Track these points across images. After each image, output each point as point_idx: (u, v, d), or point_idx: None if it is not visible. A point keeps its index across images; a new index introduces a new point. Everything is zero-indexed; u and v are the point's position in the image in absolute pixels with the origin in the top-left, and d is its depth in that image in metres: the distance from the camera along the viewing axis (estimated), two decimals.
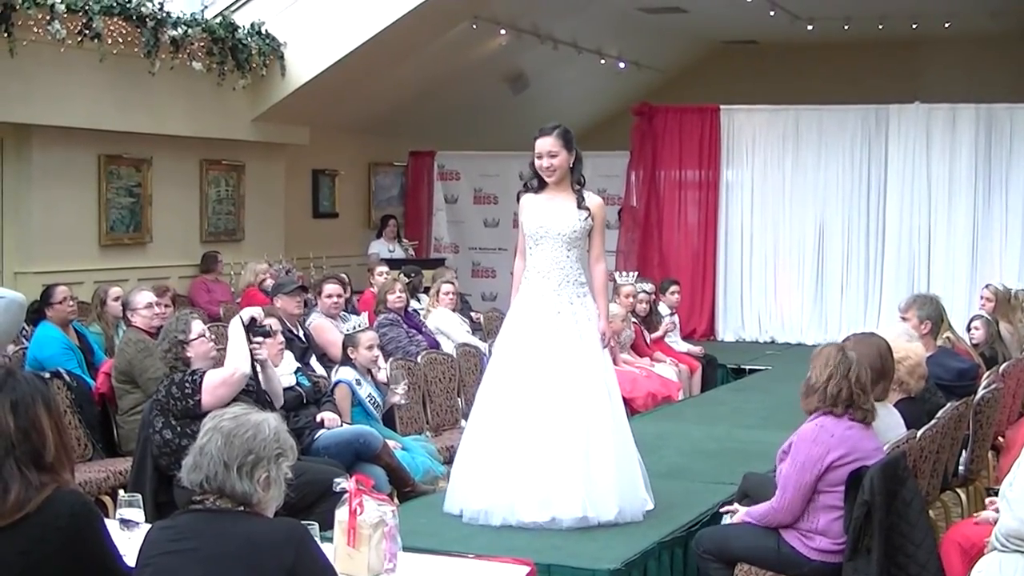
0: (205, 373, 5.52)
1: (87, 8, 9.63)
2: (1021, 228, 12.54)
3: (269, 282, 10.33)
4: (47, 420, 3.08)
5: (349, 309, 9.47)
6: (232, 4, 11.67)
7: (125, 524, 3.88)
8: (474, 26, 13.25)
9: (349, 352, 7.06)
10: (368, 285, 11.18)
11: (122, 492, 5.21)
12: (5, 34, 9.05)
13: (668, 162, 13.78)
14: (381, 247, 14.00)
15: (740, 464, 6.15)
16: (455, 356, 8.57)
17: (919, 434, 5.17)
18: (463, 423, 7.50)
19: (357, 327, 7.25)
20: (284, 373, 6.47)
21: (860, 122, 13.06)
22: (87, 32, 9.68)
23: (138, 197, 11.19)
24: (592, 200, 5.67)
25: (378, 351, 7.14)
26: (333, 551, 3.70)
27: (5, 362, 6.43)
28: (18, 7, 9.01)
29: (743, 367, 11.28)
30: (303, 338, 7.77)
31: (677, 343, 10.86)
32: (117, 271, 10.56)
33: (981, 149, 12.59)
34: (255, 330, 5.69)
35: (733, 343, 13.11)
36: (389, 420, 7.27)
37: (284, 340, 6.78)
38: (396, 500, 5.96)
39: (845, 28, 15.62)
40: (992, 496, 5.04)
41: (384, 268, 10.94)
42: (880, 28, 15.50)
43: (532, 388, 5.45)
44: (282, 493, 3.23)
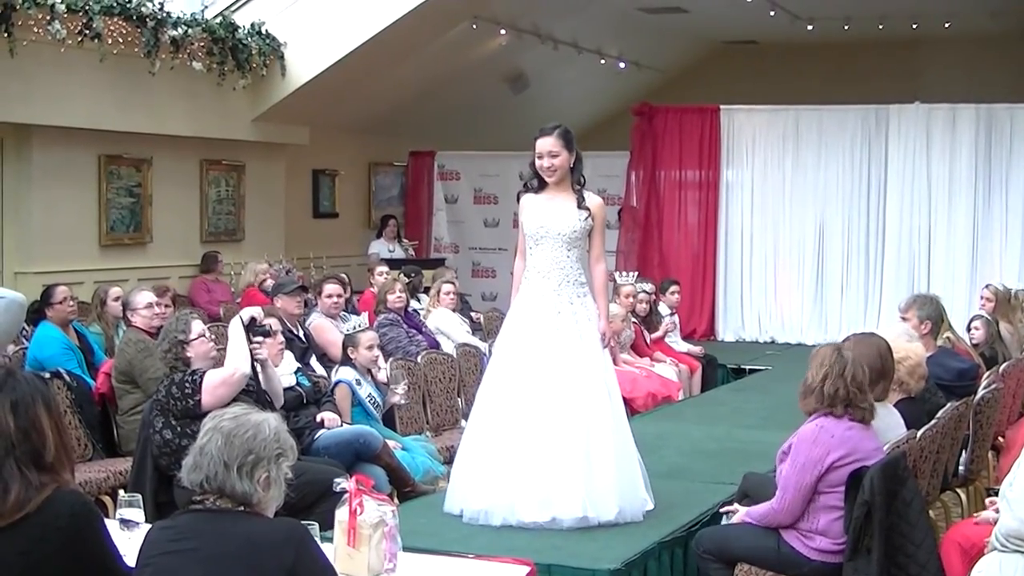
0: (205, 373, 5.52)
1: (87, 8, 9.62)
2: (1021, 228, 12.53)
3: (269, 282, 10.33)
4: (47, 420, 3.08)
5: (349, 309, 9.47)
6: (232, 4, 11.67)
7: (125, 524, 3.88)
8: (474, 26, 13.25)
9: (349, 352, 7.06)
10: (368, 285, 11.18)
11: (122, 492, 5.21)
12: (5, 34, 9.05)
13: (668, 162, 13.77)
14: (381, 247, 13.99)
15: (740, 464, 6.15)
16: (455, 356, 8.57)
17: (919, 434, 5.17)
18: (463, 423, 7.50)
19: (357, 327, 7.25)
20: (284, 373, 6.47)
21: (860, 122, 13.05)
22: (87, 32, 9.68)
23: (138, 197, 11.19)
24: (592, 200, 5.67)
25: (378, 351, 7.14)
26: (333, 551, 3.70)
27: (5, 362, 6.43)
28: (18, 7, 9.01)
29: (743, 367, 11.28)
30: (303, 338, 7.77)
31: (677, 343, 10.86)
32: (117, 271, 10.55)
33: (981, 149, 12.59)
34: (255, 330, 5.69)
35: (733, 343, 13.10)
36: (389, 420, 7.27)
37: (284, 340, 6.78)
38: (396, 500, 5.96)
39: (845, 28, 15.61)
40: (992, 496, 5.04)
41: (384, 268, 10.94)
42: (880, 28, 15.49)
43: (532, 388, 5.45)
44: (282, 493, 3.23)
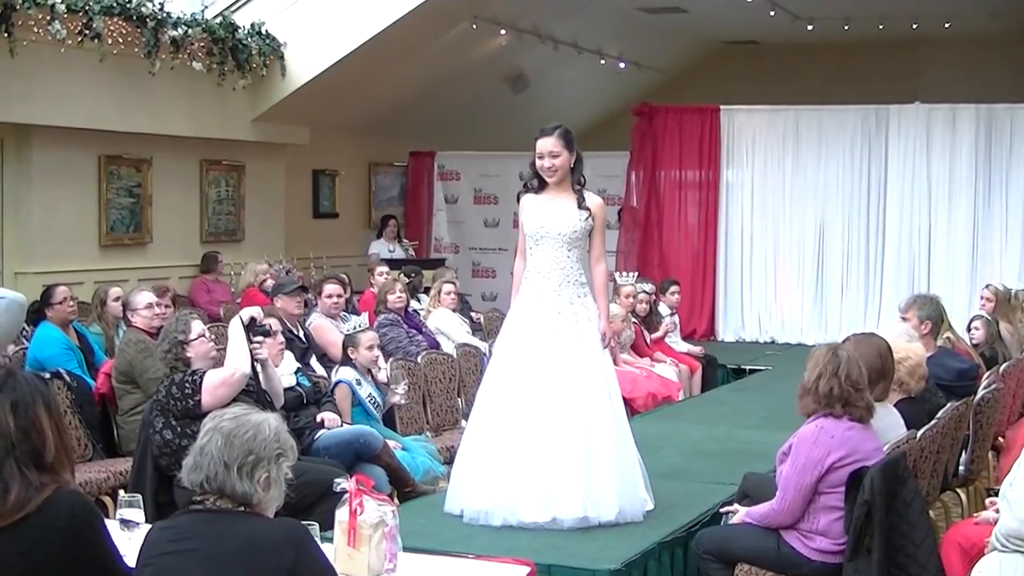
0: (205, 373, 5.52)
1: (87, 8, 9.62)
2: (1021, 228, 12.53)
3: (269, 282, 10.33)
4: (47, 420, 3.08)
5: (349, 309, 9.47)
6: (232, 4, 11.67)
7: (125, 524, 3.88)
8: (474, 26, 13.25)
9: (349, 352, 7.06)
10: (368, 285, 11.18)
11: (122, 492, 5.21)
12: (5, 34, 9.05)
13: (668, 162, 13.77)
14: (381, 247, 13.99)
15: (740, 464, 6.15)
16: (455, 356, 8.57)
17: (919, 434, 5.17)
18: (463, 423, 7.50)
19: (357, 327, 7.25)
20: (284, 373, 6.47)
21: (860, 122, 13.05)
22: (87, 32, 9.68)
23: (138, 197, 11.19)
24: (592, 200, 5.67)
25: (378, 351, 7.14)
26: (333, 551, 3.70)
27: (5, 362, 6.43)
28: (18, 7, 9.01)
29: (743, 367, 11.27)
30: (303, 338, 7.77)
31: (677, 343, 10.86)
32: (117, 271, 10.55)
33: (981, 149, 12.59)
34: (255, 330, 5.69)
35: (733, 343, 13.09)
36: (389, 420, 7.27)
37: (284, 340, 6.78)
38: (396, 500, 5.95)
39: (845, 28, 15.61)
40: (992, 496, 5.04)
41: (384, 268, 10.93)
42: (880, 28, 15.49)
43: (532, 388, 5.45)
44: (282, 493, 3.23)
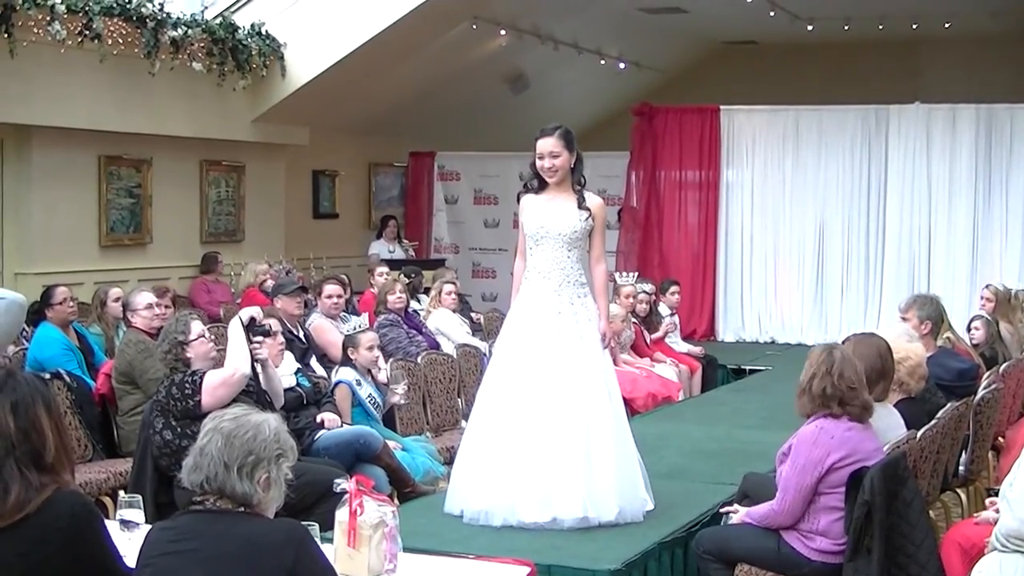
0: (205, 374, 5.52)
1: (87, 9, 9.62)
2: (1021, 228, 12.53)
3: (269, 283, 10.33)
4: (47, 421, 3.08)
5: (349, 310, 9.47)
6: (232, 5, 11.67)
7: (125, 525, 3.88)
8: (474, 26, 13.25)
9: (349, 353, 7.06)
10: (368, 286, 11.18)
11: (122, 493, 5.21)
12: (5, 35, 9.05)
13: (668, 162, 13.77)
14: (381, 248, 13.99)
15: (740, 464, 6.15)
16: (455, 356, 8.56)
17: (919, 434, 5.17)
18: (463, 423, 7.50)
19: (357, 328, 7.25)
20: (284, 374, 6.47)
21: (860, 122, 13.05)
22: (87, 33, 9.68)
23: (138, 198, 11.19)
24: (593, 200, 5.67)
25: (378, 352, 7.14)
26: (333, 552, 3.70)
27: (5, 363, 6.43)
28: (18, 8, 9.01)
29: (743, 367, 11.27)
30: (303, 339, 7.77)
31: (677, 343, 10.86)
32: (117, 272, 10.55)
33: (981, 149, 12.59)
34: (255, 330, 5.69)
35: (733, 343, 13.09)
36: (389, 420, 7.27)
37: (284, 341, 6.78)
38: (396, 501, 5.95)
39: (845, 28, 15.62)
40: (992, 496, 5.04)
41: (384, 269, 10.93)
42: (880, 28, 15.49)
43: (532, 388, 5.45)
44: (282, 494, 3.23)
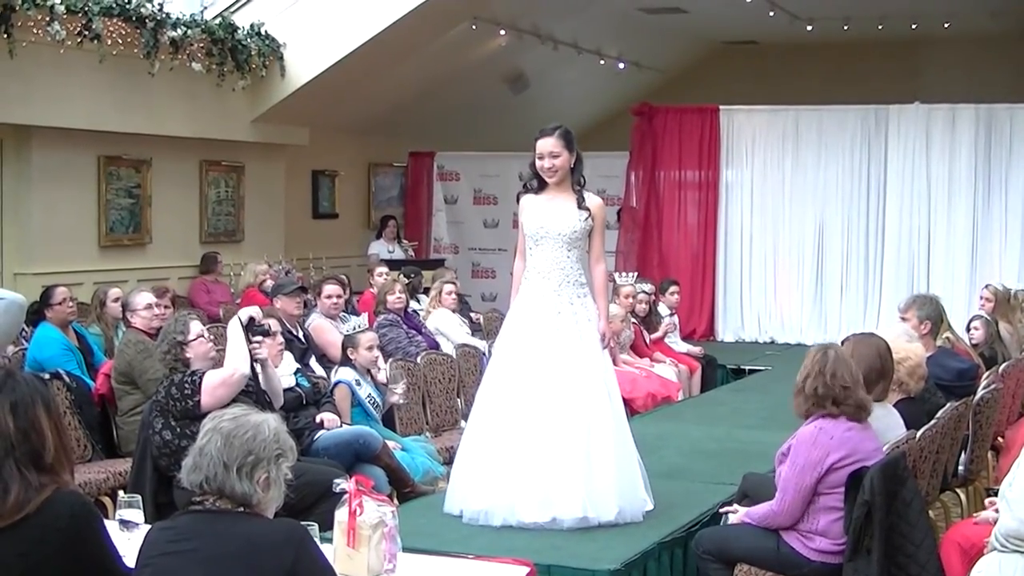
0: (204, 374, 5.52)
1: (87, 9, 9.62)
2: (1021, 228, 12.53)
3: (269, 283, 10.32)
4: (47, 421, 3.08)
5: (349, 310, 9.47)
6: (232, 5, 11.67)
7: (125, 525, 3.87)
8: (474, 26, 13.25)
9: (349, 353, 7.05)
10: (368, 286, 11.18)
11: (122, 493, 5.20)
12: (5, 35, 9.04)
13: (668, 162, 13.77)
14: (381, 248, 13.99)
15: (740, 464, 6.15)
16: (455, 357, 8.56)
17: (919, 434, 5.17)
18: (463, 424, 7.49)
19: (357, 328, 7.25)
20: (284, 374, 6.47)
21: (860, 122, 13.05)
22: (87, 33, 9.68)
23: (138, 198, 11.19)
24: (592, 201, 5.67)
25: (378, 352, 7.14)
26: (333, 552, 3.70)
27: (5, 363, 6.43)
28: (18, 8, 9.01)
29: (743, 367, 11.27)
30: (303, 339, 7.77)
31: (677, 343, 10.85)
32: (117, 272, 10.55)
33: (981, 149, 12.59)
34: (254, 329, 5.69)
35: (733, 343, 13.09)
36: (389, 420, 7.27)
37: (283, 341, 6.78)
38: (396, 501, 5.95)
39: (845, 28, 15.62)
40: (992, 496, 5.04)
41: (384, 269, 10.93)
42: (880, 28, 15.50)
43: (532, 388, 5.45)
44: (282, 494, 3.23)
